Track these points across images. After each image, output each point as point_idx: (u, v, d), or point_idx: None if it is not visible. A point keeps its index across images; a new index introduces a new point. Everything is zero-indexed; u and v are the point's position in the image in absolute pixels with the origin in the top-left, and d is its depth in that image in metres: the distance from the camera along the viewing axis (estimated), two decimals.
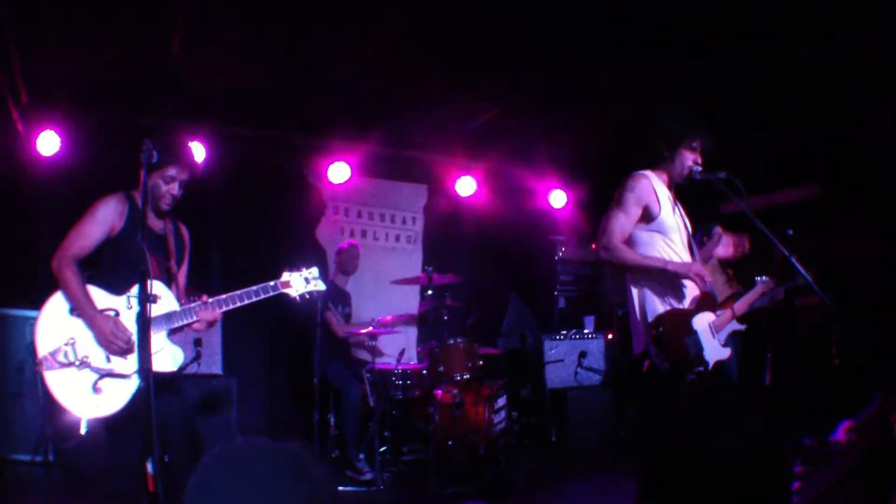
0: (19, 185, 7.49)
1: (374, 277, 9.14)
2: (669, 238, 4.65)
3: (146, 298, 3.60)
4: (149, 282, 3.61)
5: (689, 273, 4.49)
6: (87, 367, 4.15)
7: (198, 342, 7.12)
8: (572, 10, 6.26)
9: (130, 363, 4.18)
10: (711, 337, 4.61)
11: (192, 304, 4.40)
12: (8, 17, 6.06)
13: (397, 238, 9.94)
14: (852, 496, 5.11)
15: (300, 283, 4.67)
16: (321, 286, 4.74)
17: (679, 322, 4.51)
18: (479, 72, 7.40)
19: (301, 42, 6.81)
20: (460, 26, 6.56)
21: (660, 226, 4.64)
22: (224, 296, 4.44)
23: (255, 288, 4.49)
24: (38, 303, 6.53)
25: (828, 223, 7.95)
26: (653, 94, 7.61)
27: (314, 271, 4.73)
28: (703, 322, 4.59)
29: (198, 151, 7.95)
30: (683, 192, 4.95)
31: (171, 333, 4.38)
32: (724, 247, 6.60)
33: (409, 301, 9.56)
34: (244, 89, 7.68)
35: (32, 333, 4.24)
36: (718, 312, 4.72)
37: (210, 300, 4.41)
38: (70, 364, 4.15)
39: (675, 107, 5.04)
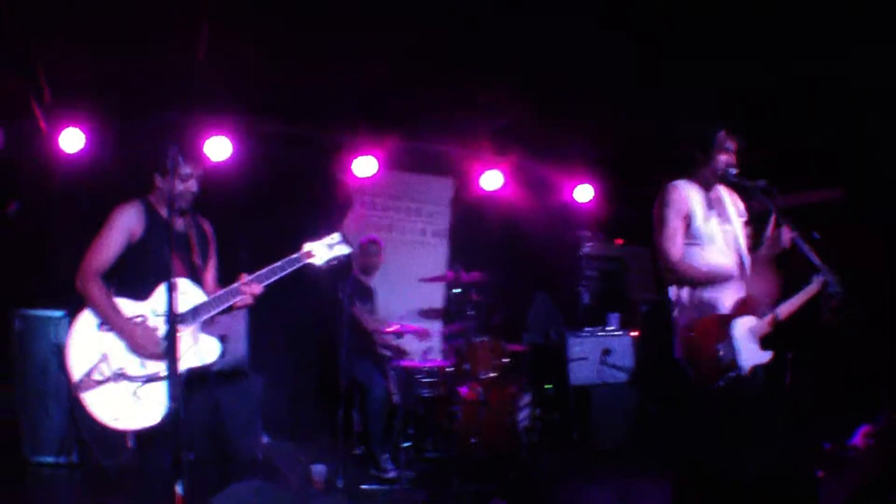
0: (43, 183, 7.56)
1: (400, 272, 9.13)
2: (704, 248, 4.61)
3: (170, 296, 3.67)
4: (168, 278, 3.70)
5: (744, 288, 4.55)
6: (123, 378, 4.20)
7: (223, 337, 7.12)
8: (601, 7, 6.24)
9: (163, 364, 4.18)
10: (750, 341, 4.54)
11: (235, 284, 4.44)
12: (30, 15, 6.11)
13: (423, 232, 9.97)
14: None
15: (323, 250, 4.63)
16: (345, 249, 4.70)
17: (713, 327, 4.48)
18: (506, 67, 7.37)
19: (328, 36, 6.82)
20: (488, 21, 6.55)
21: (693, 237, 4.61)
22: (252, 275, 4.46)
23: (279, 263, 4.51)
24: (61, 302, 6.70)
25: (850, 227, 7.89)
26: (679, 91, 7.58)
27: (336, 236, 4.69)
28: (742, 326, 4.55)
29: (223, 147, 8.00)
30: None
31: (204, 326, 4.43)
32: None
33: (434, 296, 9.58)
34: (270, 84, 7.72)
35: (63, 358, 4.27)
36: (763, 314, 4.67)
37: (248, 277, 4.43)
38: (107, 380, 4.19)
39: (707, 112, 5.02)
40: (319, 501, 6.33)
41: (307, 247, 4.61)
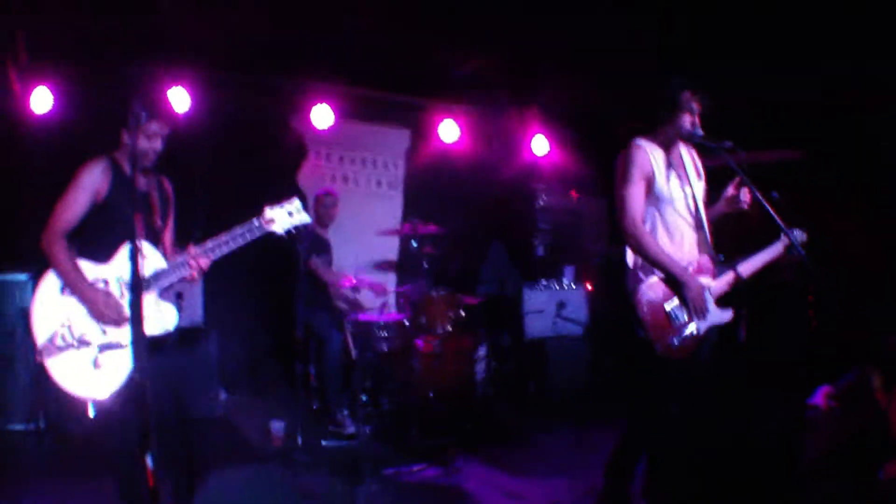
0: (12, 146, 7.41)
1: (354, 224, 9.09)
2: (664, 209, 4.60)
3: (135, 264, 3.57)
4: (132, 243, 3.52)
5: (688, 292, 4.47)
6: (85, 344, 4.14)
7: (179, 295, 7.07)
8: None
9: (127, 332, 4.14)
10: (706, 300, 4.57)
11: (180, 258, 4.32)
12: None
13: (378, 183, 9.92)
14: (841, 472, 5.24)
15: (284, 217, 4.50)
16: (305, 218, 4.58)
17: (660, 288, 4.51)
18: (466, 17, 7.35)
19: None
20: None
21: (655, 198, 4.60)
22: (209, 243, 4.35)
23: (239, 230, 4.38)
24: (28, 266, 6.58)
25: (811, 186, 7.98)
26: (638, 44, 7.58)
27: (296, 203, 4.54)
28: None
29: (182, 98, 7.88)
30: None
31: (163, 292, 4.35)
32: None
33: (389, 248, 9.58)
34: (227, 34, 7.56)
35: (28, 324, 4.21)
36: (719, 275, 4.70)
37: (196, 250, 4.32)
38: (69, 346, 4.13)
39: (672, 69, 5.00)
40: (281, 463, 6.34)
41: (268, 213, 4.48)
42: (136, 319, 3.47)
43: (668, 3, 6.91)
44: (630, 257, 4.64)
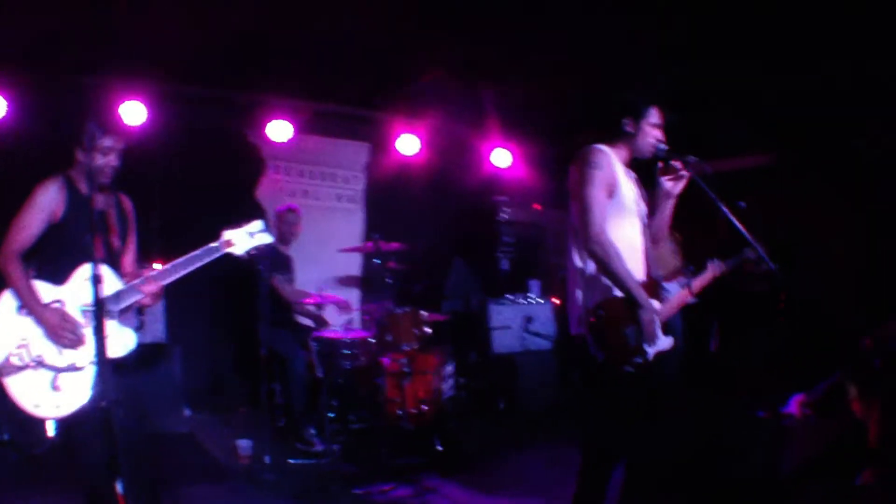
0: None
1: (315, 240, 8.92)
2: (622, 222, 4.37)
3: (97, 289, 3.47)
4: (93, 267, 3.47)
5: (644, 315, 4.22)
6: (42, 366, 4.04)
7: (140, 310, 6.93)
8: None
9: (84, 354, 4.06)
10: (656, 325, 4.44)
11: (135, 282, 4.22)
12: None
13: (338, 198, 9.79)
14: (819, 480, 5.20)
15: (244, 239, 4.45)
16: (267, 238, 4.54)
17: (621, 309, 4.23)
18: (423, 27, 7.28)
19: None
20: None
21: (615, 207, 4.35)
22: (167, 265, 4.26)
23: (197, 252, 4.29)
24: None
25: (780, 192, 8.00)
26: (601, 51, 7.54)
27: (258, 224, 4.50)
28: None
29: (137, 111, 7.71)
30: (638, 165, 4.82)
31: (121, 314, 4.22)
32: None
33: (352, 264, 9.44)
34: (185, 46, 7.42)
35: None
36: (671, 293, 4.58)
37: (152, 273, 4.23)
38: (26, 366, 4.03)
39: (638, 77, 4.92)
40: (248, 481, 6.24)
41: (227, 235, 4.42)
42: (99, 344, 3.38)
43: (633, 13, 6.87)
44: (591, 269, 4.35)
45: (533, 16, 7.10)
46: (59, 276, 4.17)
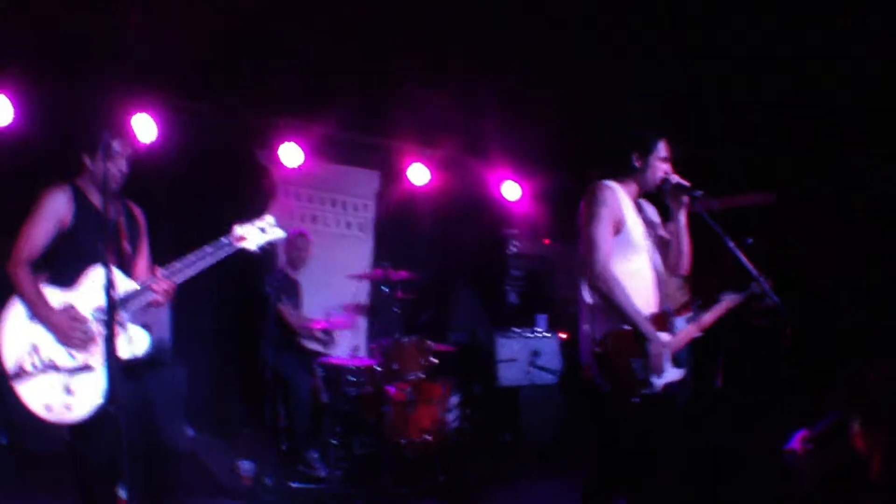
0: None
1: (324, 266, 8.90)
2: (630, 256, 4.43)
3: (109, 292, 3.61)
4: (105, 271, 3.64)
5: (652, 348, 4.26)
6: (54, 370, 4.06)
7: (146, 327, 6.91)
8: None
9: (96, 355, 4.08)
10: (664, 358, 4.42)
11: (146, 281, 4.26)
12: None
13: (348, 225, 9.80)
14: None
15: (255, 234, 4.44)
16: (280, 233, 4.56)
17: (627, 340, 4.26)
18: (436, 58, 7.34)
19: (259, 18, 6.71)
20: (419, 12, 6.56)
21: (622, 242, 4.41)
22: (176, 264, 4.29)
23: (207, 248, 4.32)
24: None
25: (784, 229, 8.00)
26: (610, 89, 7.60)
27: (270, 219, 4.52)
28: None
29: (148, 126, 7.71)
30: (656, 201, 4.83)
31: (133, 317, 4.28)
32: None
33: (359, 291, 9.40)
34: (199, 64, 7.50)
35: None
36: (678, 328, 4.55)
37: (162, 271, 4.26)
38: (38, 371, 4.05)
39: (647, 113, 4.93)
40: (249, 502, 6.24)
41: (238, 230, 4.42)
42: (110, 347, 3.40)
43: (644, 49, 6.92)
44: (590, 300, 4.42)
45: (545, 49, 7.16)
46: (69, 280, 4.21)
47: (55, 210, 4.27)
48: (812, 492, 5.37)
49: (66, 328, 4.07)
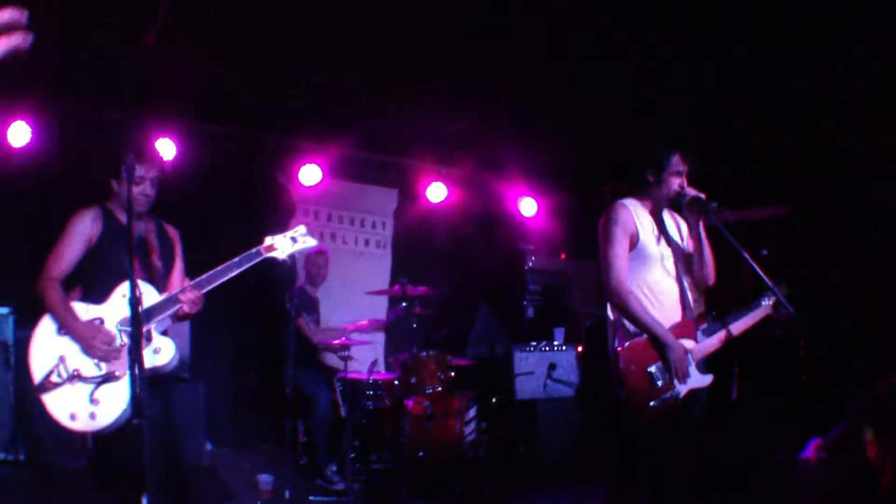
0: None
1: (342, 282, 9.04)
2: (648, 268, 4.53)
3: (135, 305, 3.64)
4: (130, 284, 3.68)
5: (672, 354, 4.35)
6: (79, 380, 4.13)
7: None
8: (546, 18, 6.34)
9: (120, 366, 4.14)
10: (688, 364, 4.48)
11: (173, 292, 4.31)
12: None
13: (367, 242, 9.89)
14: None
15: (286, 244, 4.43)
16: (311, 242, 4.52)
17: (643, 350, 4.37)
18: (453, 77, 7.40)
19: (276, 41, 6.80)
20: (436, 32, 6.59)
21: (638, 256, 4.52)
22: (204, 275, 4.33)
23: (236, 259, 4.33)
24: (8, 300, 6.49)
25: (799, 241, 8.01)
26: (625, 105, 7.65)
27: (301, 228, 4.52)
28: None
29: (168, 148, 7.83)
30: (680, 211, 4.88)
31: (160, 327, 4.33)
32: None
33: (378, 307, 9.50)
34: (218, 87, 7.63)
35: (26, 362, 4.22)
36: (700, 337, 4.61)
37: (189, 282, 4.30)
38: (64, 382, 4.13)
39: (660, 131, 4.98)
40: None
41: (268, 240, 4.43)
42: (135, 360, 3.48)
43: (658, 64, 6.98)
44: (612, 316, 4.56)
45: (561, 68, 7.23)
46: (100, 296, 4.30)
47: (82, 230, 4.38)
48: (824, 501, 5.38)
49: (91, 339, 4.15)
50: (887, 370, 5.61)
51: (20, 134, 7.29)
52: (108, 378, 4.12)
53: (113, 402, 4.09)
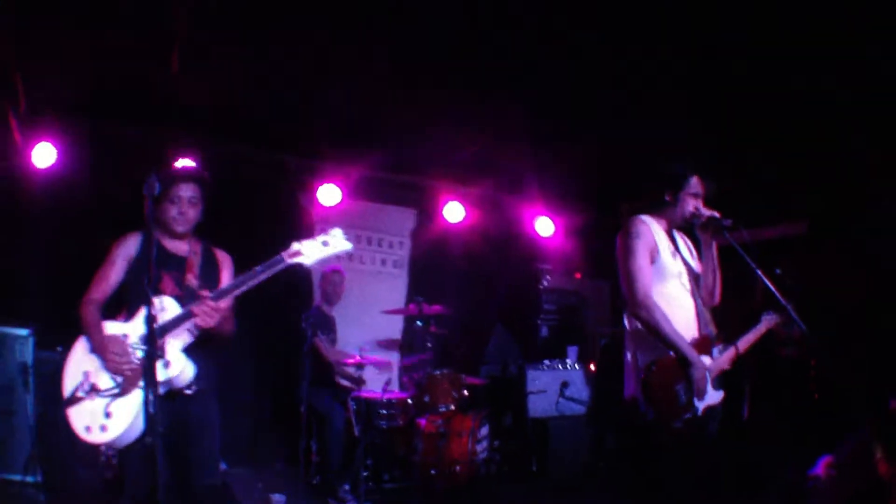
0: (13, 197, 7.38)
1: (359, 302, 9.12)
2: (667, 284, 4.57)
3: (149, 320, 3.66)
4: (145, 302, 3.69)
5: (695, 373, 4.38)
6: (97, 393, 4.20)
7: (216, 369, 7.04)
8: (565, 39, 6.41)
9: (134, 379, 4.16)
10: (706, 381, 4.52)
11: (189, 305, 4.23)
12: (7, 26, 6.08)
13: (383, 262, 9.97)
14: None
15: (314, 249, 4.26)
16: (346, 245, 4.31)
17: (672, 367, 4.39)
18: (471, 98, 7.45)
19: (296, 63, 6.89)
20: (454, 54, 6.66)
21: (657, 271, 4.55)
22: (224, 285, 4.34)
23: (258, 267, 4.22)
24: (29, 322, 6.61)
25: (814, 260, 8.02)
26: (647, 125, 7.69)
27: (336, 231, 4.32)
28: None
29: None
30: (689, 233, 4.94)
31: (180, 343, 4.30)
32: None
33: (393, 327, 9.58)
34: (239, 108, 7.75)
35: (59, 382, 4.31)
36: (716, 354, 4.66)
37: (208, 293, 4.22)
38: (85, 396, 4.21)
39: (677, 150, 5.03)
40: None
41: (295, 246, 4.28)
42: (149, 377, 3.53)
43: (673, 83, 7.03)
44: (630, 329, 4.60)
45: (578, 89, 7.30)
46: (130, 316, 4.36)
47: (121, 252, 4.45)
48: None
49: (109, 351, 4.20)
50: None
51: (45, 155, 7.36)
52: (122, 392, 4.16)
53: (123, 416, 4.13)
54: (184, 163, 7.72)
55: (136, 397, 4.12)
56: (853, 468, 5.48)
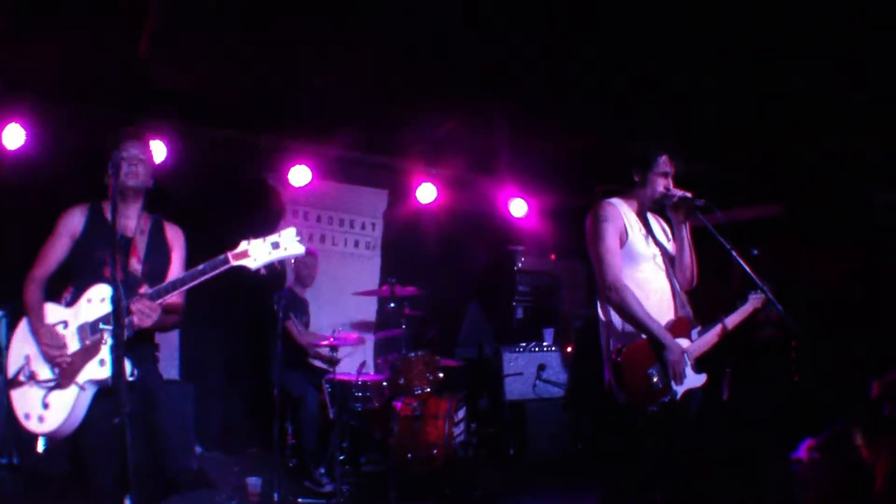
0: None
1: (331, 284, 9.04)
2: (639, 267, 4.53)
3: (117, 305, 3.52)
4: (112, 285, 3.57)
5: (670, 355, 4.32)
6: (35, 382, 4.07)
7: (155, 347, 6.96)
8: (539, 22, 6.32)
9: (71, 373, 4.00)
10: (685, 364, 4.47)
11: (127, 302, 3.92)
12: None
13: (356, 244, 9.85)
14: None
15: (262, 251, 3.94)
16: (298, 249, 3.98)
17: (643, 352, 4.34)
18: (443, 78, 7.39)
19: (268, 43, 6.77)
20: (427, 34, 6.57)
21: (627, 253, 4.51)
22: (164, 284, 4.02)
23: (200, 267, 3.97)
24: (2, 301, 6.45)
25: (790, 242, 8.02)
26: (617, 107, 7.65)
27: (289, 232, 3.99)
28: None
29: (158, 149, 7.79)
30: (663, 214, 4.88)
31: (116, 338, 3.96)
32: None
33: (367, 309, 9.49)
34: (210, 89, 7.64)
35: (6, 355, 4.20)
36: (695, 336, 4.60)
37: (146, 290, 4.00)
38: (25, 381, 4.09)
39: (648, 133, 4.98)
40: None
41: (242, 245, 3.97)
42: (116, 361, 3.41)
43: (645, 64, 6.99)
44: (611, 317, 4.52)
45: (551, 72, 7.24)
46: (74, 298, 4.18)
47: (66, 227, 4.29)
48: (817, 501, 5.39)
49: (44, 344, 4.04)
50: (879, 372, 5.62)
51: (15, 136, 7.21)
52: (59, 384, 4.02)
53: (59, 410, 4.00)
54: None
55: (71, 392, 3.99)
56: (835, 452, 5.47)
